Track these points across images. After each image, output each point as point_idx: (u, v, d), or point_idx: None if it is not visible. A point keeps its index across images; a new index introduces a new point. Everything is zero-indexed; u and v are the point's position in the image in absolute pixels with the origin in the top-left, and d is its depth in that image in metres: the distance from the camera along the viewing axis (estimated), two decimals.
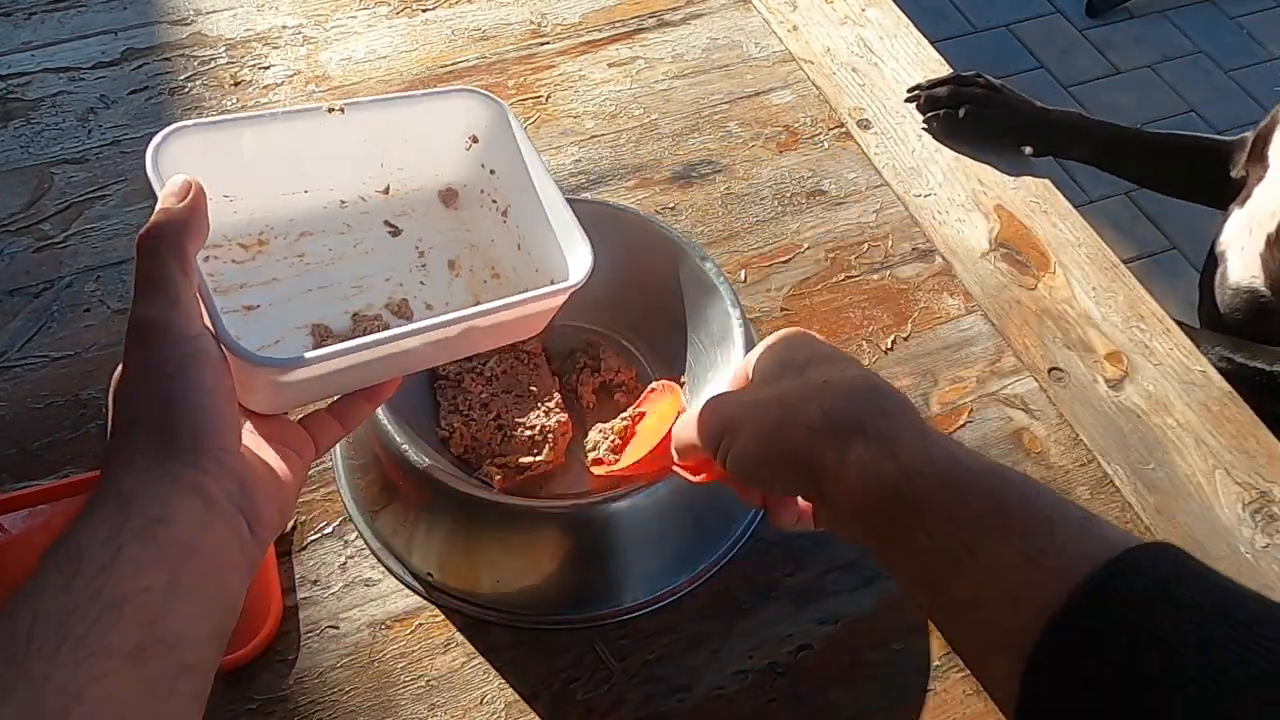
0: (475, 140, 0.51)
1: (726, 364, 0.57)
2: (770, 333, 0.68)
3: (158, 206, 0.38)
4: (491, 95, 0.50)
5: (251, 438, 0.40)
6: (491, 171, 0.51)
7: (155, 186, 0.39)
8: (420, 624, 0.54)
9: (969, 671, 0.35)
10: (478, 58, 0.83)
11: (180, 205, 0.37)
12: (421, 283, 0.51)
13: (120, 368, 0.37)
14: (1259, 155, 0.86)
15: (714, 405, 0.44)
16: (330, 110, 0.45)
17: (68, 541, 0.32)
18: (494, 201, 0.52)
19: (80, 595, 0.30)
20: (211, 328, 0.37)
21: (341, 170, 0.48)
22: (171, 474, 0.34)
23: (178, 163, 0.41)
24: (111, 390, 0.37)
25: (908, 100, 0.82)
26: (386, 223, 0.50)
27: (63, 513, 0.56)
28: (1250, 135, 0.89)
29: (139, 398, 0.35)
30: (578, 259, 0.46)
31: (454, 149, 0.51)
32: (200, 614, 0.33)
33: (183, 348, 0.35)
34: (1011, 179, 0.79)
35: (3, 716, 0.28)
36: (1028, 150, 0.81)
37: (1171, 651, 0.27)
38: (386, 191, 0.50)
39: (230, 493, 0.35)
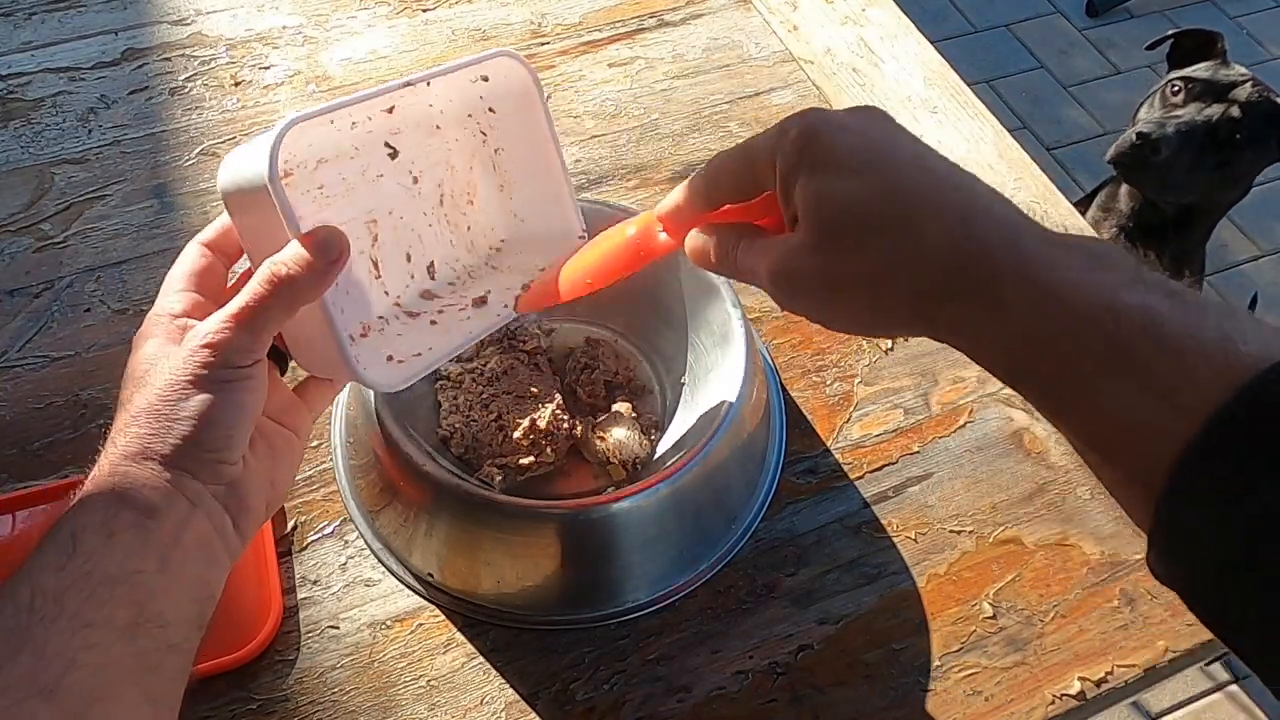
0: (485, 79, 0.50)
1: (727, 364, 0.57)
2: (770, 332, 0.69)
3: (302, 254, 0.37)
4: (525, 63, 0.49)
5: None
6: (491, 109, 0.52)
7: (281, 207, 0.38)
8: (421, 624, 0.54)
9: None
10: None
11: (325, 269, 0.38)
12: (424, 213, 0.52)
13: (150, 344, 0.38)
14: None
15: (809, 115, 0.37)
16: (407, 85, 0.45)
17: (62, 529, 0.34)
18: (483, 134, 0.53)
19: (74, 574, 0.33)
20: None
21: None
22: (168, 476, 0.36)
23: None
24: (138, 364, 0.38)
25: None
26: (386, 144, 0.50)
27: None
28: None
29: (169, 400, 0.36)
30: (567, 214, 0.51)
31: (460, 80, 0.50)
32: (183, 600, 0.35)
33: (238, 375, 0.37)
34: (1012, 179, 0.79)
35: (12, 674, 0.31)
36: None
37: None
38: (391, 111, 0.49)
39: (218, 492, 0.37)
